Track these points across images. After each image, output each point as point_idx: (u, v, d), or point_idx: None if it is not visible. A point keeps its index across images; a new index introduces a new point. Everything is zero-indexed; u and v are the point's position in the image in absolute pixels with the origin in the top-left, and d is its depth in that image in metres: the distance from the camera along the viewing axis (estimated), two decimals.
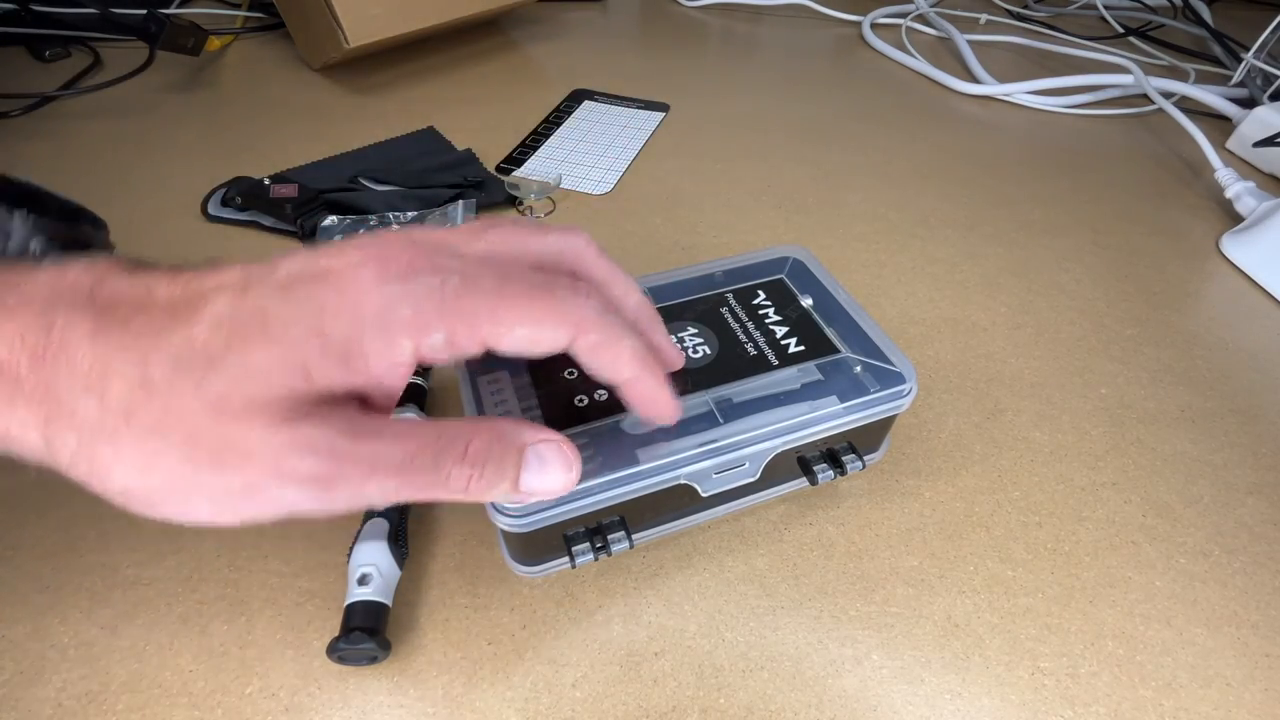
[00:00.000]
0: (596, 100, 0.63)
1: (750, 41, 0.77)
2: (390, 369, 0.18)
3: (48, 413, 0.16)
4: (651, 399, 0.22)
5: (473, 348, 0.19)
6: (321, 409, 0.18)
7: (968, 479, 0.33)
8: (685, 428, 0.26)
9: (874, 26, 0.79)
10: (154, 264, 0.19)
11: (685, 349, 0.29)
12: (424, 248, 0.19)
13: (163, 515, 0.18)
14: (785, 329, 0.30)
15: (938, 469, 0.33)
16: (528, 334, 0.19)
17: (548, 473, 0.20)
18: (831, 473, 0.29)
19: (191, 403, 0.16)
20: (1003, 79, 0.67)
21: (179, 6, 0.72)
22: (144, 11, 0.58)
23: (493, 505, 0.24)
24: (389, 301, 0.18)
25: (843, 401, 0.28)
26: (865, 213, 0.50)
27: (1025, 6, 0.87)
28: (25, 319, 0.16)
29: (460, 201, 0.46)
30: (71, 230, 0.25)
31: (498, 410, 0.27)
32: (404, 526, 0.28)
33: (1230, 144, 0.60)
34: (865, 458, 0.30)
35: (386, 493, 0.18)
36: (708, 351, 0.29)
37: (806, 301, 0.32)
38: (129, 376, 0.16)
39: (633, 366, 0.21)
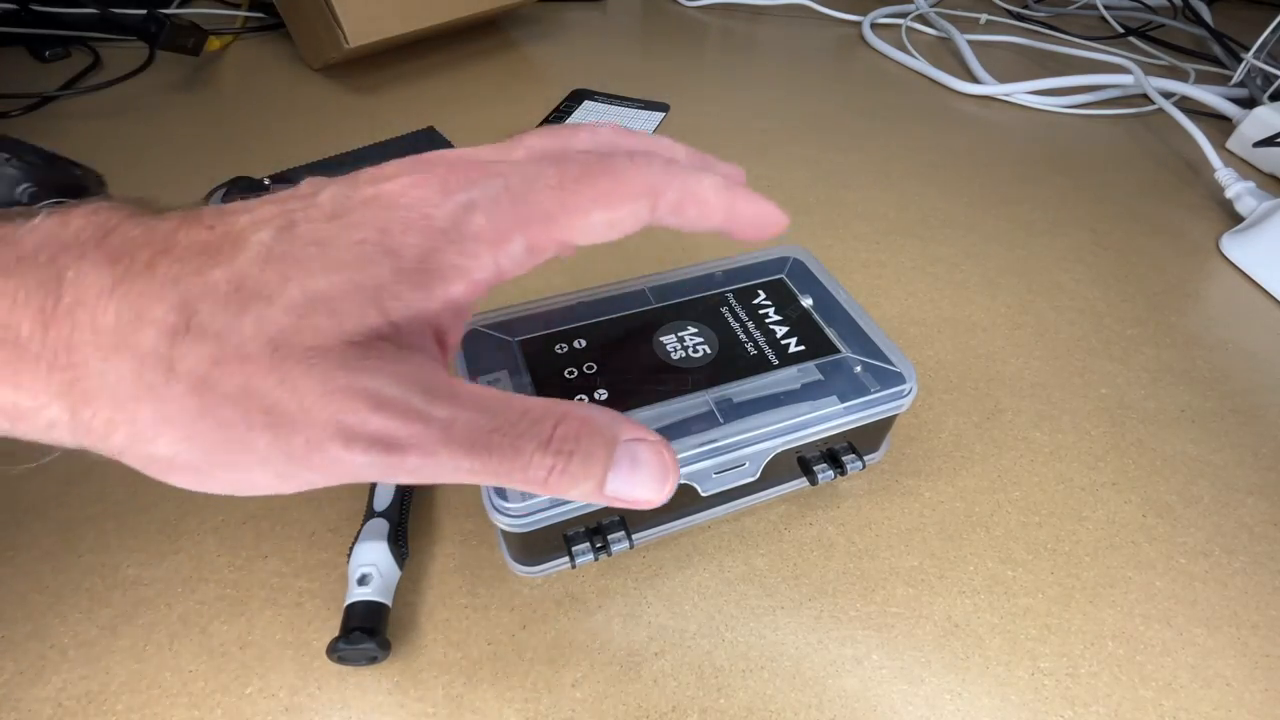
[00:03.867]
0: (596, 100, 0.63)
1: (750, 41, 0.77)
2: (469, 289, 0.16)
3: (69, 379, 0.14)
4: (758, 218, 0.20)
5: (551, 250, 0.17)
6: (394, 355, 0.15)
7: (968, 479, 0.33)
8: (685, 428, 0.26)
9: (874, 26, 0.79)
10: (162, 206, 0.17)
11: (685, 349, 0.29)
12: (471, 161, 0.17)
13: (212, 488, 0.15)
14: (785, 329, 0.30)
15: (938, 469, 0.33)
16: (605, 218, 0.17)
17: (639, 478, 0.17)
18: (831, 473, 0.29)
19: (247, 345, 0.14)
20: (1003, 79, 0.67)
21: (179, 6, 0.72)
22: (144, 11, 0.58)
23: (492, 505, 0.24)
24: (460, 211, 0.16)
25: (843, 401, 0.28)
26: (865, 213, 0.50)
27: (1025, 6, 0.87)
28: (30, 275, 0.14)
29: None
30: (63, 174, 0.22)
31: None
32: (404, 526, 0.28)
33: (1230, 144, 0.60)
34: (865, 458, 0.30)
35: (459, 471, 0.15)
36: (708, 351, 0.29)
37: (806, 301, 0.32)
38: (167, 324, 0.14)
39: (722, 200, 0.19)
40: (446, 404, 0.15)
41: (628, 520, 0.27)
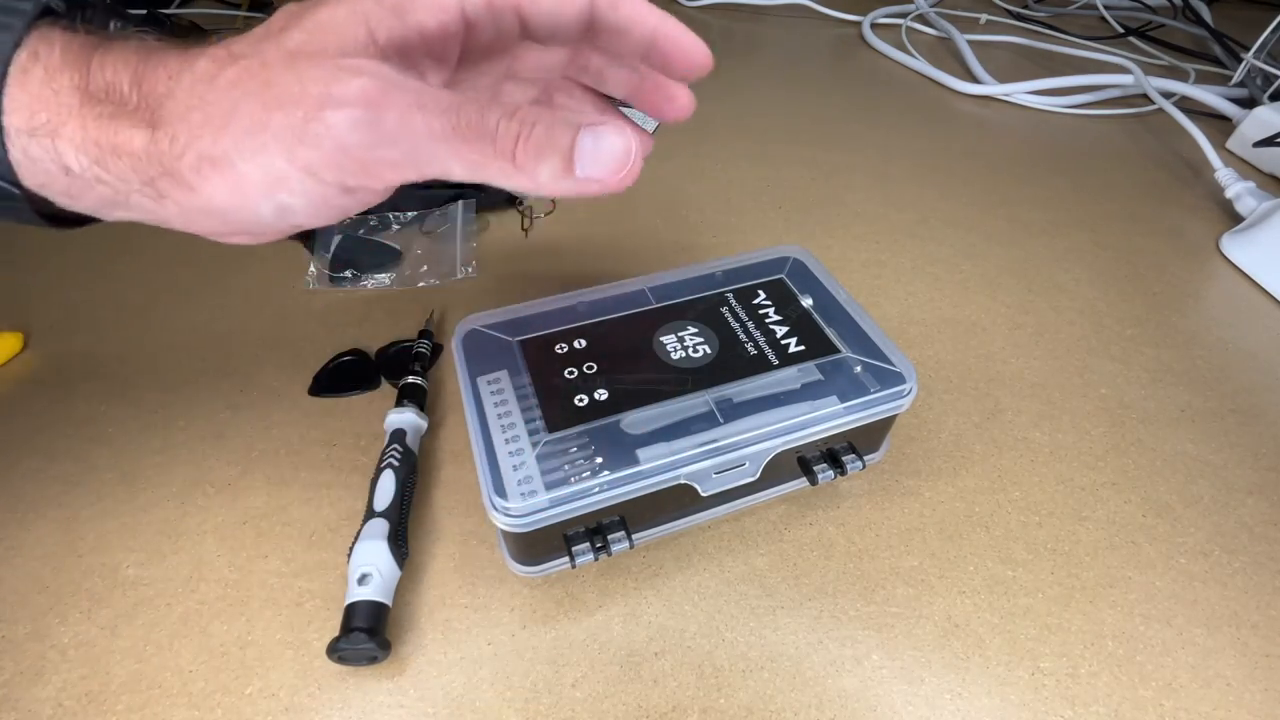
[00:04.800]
0: None
1: (750, 41, 0.77)
2: (438, 28, 0.20)
3: (151, 112, 0.18)
4: (684, 40, 0.23)
5: (508, 14, 0.21)
6: (379, 59, 0.19)
7: (968, 479, 0.33)
8: (685, 428, 0.26)
9: (874, 26, 0.79)
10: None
11: (685, 349, 0.29)
12: None
13: (244, 180, 0.18)
14: (785, 329, 0.30)
15: (938, 469, 0.33)
16: None
17: (604, 155, 0.18)
18: (831, 473, 0.29)
19: (270, 55, 0.18)
20: (1003, 79, 0.67)
21: (179, 6, 0.72)
22: (144, 11, 0.58)
23: (493, 505, 0.24)
24: None
25: (843, 401, 0.28)
26: (865, 213, 0.50)
27: (1025, 6, 0.87)
28: (126, 50, 0.19)
29: (460, 201, 0.46)
30: (147, 23, 0.28)
31: (499, 413, 0.27)
32: (404, 526, 0.28)
33: (1230, 144, 0.60)
34: (865, 458, 0.30)
35: (431, 135, 0.18)
36: (708, 351, 0.29)
37: (806, 301, 0.32)
38: (214, 55, 0.19)
39: (655, 11, 0.22)
40: (420, 83, 0.19)
41: (628, 520, 0.27)
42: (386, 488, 0.28)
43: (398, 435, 0.31)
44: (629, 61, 0.25)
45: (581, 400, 0.27)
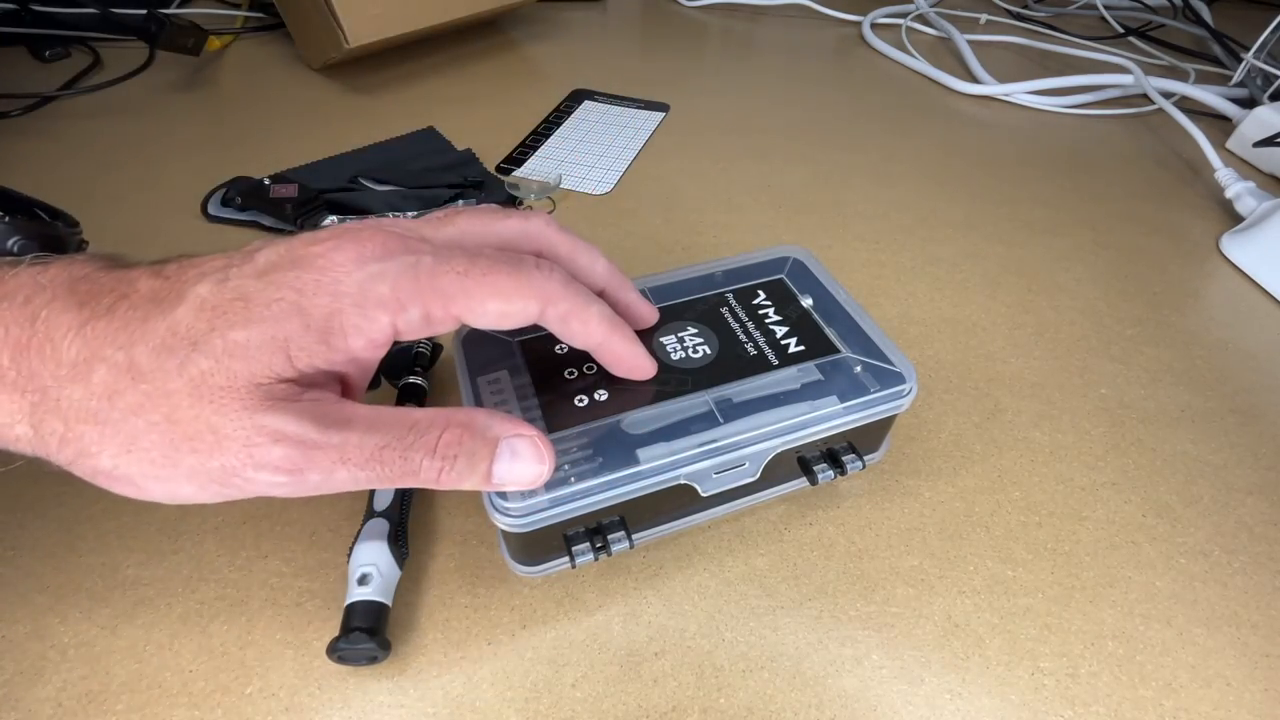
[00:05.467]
0: (596, 100, 0.63)
1: (750, 41, 0.77)
2: (368, 346, 0.19)
3: (34, 401, 0.17)
4: (625, 358, 0.24)
5: (447, 324, 0.20)
6: (297, 396, 0.18)
7: (968, 479, 0.33)
8: (685, 428, 0.26)
9: (874, 26, 0.79)
10: (131, 260, 0.20)
11: (685, 349, 0.29)
12: (396, 233, 0.20)
13: (148, 496, 0.18)
14: (785, 329, 0.30)
15: (938, 469, 0.33)
16: (499, 308, 0.20)
17: (519, 465, 0.20)
18: (831, 473, 0.29)
19: (174, 383, 0.17)
20: (1003, 79, 0.67)
21: (179, 6, 0.72)
22: (144, 11, 0.58)
23: (493, 505, 0.24)
24: (367, 280, 0.18)
25: (843, 401, 0.28)
26: (865, 213, 0.50)
27: (1025, 6, 0.87)
28: (8, 314, 0.17)
29: (460, 201, 0.46)
30: (47, 228, 0.26)
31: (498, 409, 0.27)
32: (404, 526, 0.28)
33: (1230, 144, 0.60)
34: (865, 458, 0.30)
35: (358, 481, 0.18)
36: (708, 351, 0.29)
37: (806, 301, 0.32)
38: (113, 362, 0.17)
39: (601, 330, 0.23)
40: (339, 430, 0.18)
41: (628, 520, 0.27)
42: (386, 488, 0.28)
43: None
44: None
45: (581, 400, 0.27)
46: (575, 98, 0.63)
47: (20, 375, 0.17)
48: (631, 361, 0.25)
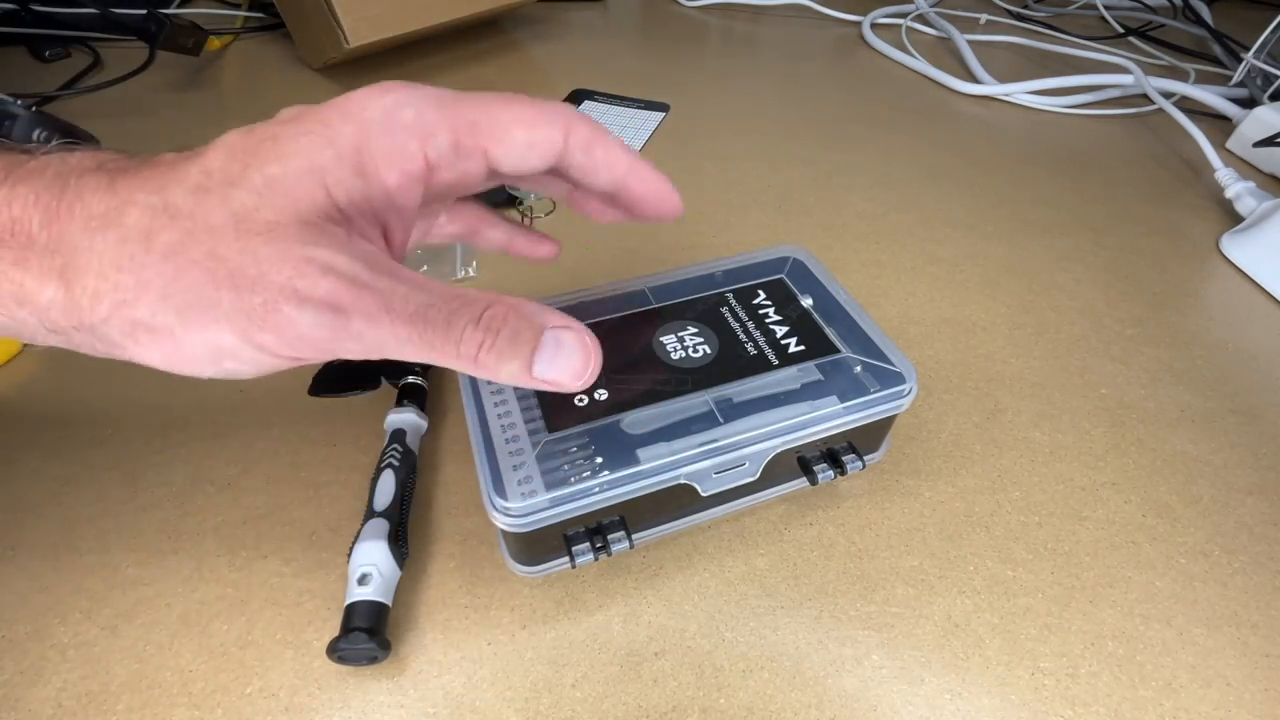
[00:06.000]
0: (596, 100, 0.63)
1: (750, 41, 0.77)
2: (402, 178, 0.19)
3: (65, 261, 0.16)
4: (654, 185, 0.22)
5: (476, 157, 0.20)
6: (342, 234, 0.18)
7: (968, 479, 0.33)
8: (685, 427, 0.26)
9: (874, 26, 0.79)
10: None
11: (685, 348, 0.29)
12: (416, 82, 0.20)
13: (183, 357, 0.17)
14: (785, 329, 0.30)
15: (938, 469, 0.33)
16: (524, 136, 0.20)
17: (563, 361, 0.19)
18: (831, 473, 0.29)
19: (215, 218, 0.16)
20: (1003, 79, 0.67)
21: (179, 6, 0.72)
22: (144, 11, 0.58)
23: (493, 505, 0.24)
24: (390, 107, 0.18)
25: (843, 401, 0.28)
26: (865, 213, 0.50)
27: (1025, 6, 0.87)
28: (38, 182, 0.17)
29: None
30: (70, 127, 0.26)
31: (499, 414, 0.27)
32: (404, 526, 0.28)
33: (1230, 144, 0.60)
34: (865, 458, 0.30)
35: (399, 340, 0.17)
36: (708, 351, 0.29)
37: (806, 301, 0.32)
38: (147, 205, 0.16)
39: (628, 157, 0.22)
40: (389, 278, 0.17)
41: (628, 520, 0.27)
42: (386, 488, 0.29)
43: (398, 435, 0.31)
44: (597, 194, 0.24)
45: (581, 400, 0.27)
46: (575, 98, 0.63)
47: (50, 237, 0.16)
48: (660, 188, 0.23)
